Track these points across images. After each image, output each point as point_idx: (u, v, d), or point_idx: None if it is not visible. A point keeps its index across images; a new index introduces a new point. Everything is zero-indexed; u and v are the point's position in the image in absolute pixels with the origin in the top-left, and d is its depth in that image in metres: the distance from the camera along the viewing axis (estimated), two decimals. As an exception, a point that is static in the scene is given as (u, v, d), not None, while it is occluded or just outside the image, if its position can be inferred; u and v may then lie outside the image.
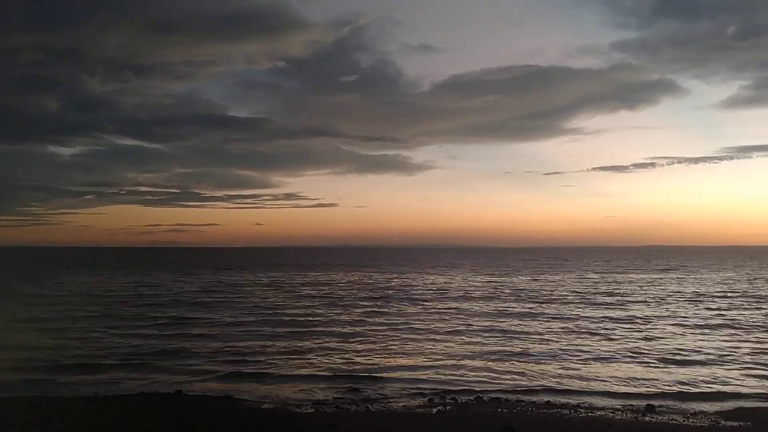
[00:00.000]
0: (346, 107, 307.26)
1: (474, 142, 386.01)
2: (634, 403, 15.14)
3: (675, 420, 13.69)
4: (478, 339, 24.65)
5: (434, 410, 14.37)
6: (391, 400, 15.46)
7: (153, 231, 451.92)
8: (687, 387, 17.07)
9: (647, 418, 13.76)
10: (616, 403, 15.21)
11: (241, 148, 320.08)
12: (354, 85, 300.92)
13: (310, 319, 30.52)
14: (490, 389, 16.64)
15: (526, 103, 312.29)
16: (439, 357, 21.01)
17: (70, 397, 15.14)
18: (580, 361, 20.38)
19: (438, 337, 25.11)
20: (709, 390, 16.71)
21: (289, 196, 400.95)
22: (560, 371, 18.90)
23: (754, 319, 30.53)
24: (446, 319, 30.38)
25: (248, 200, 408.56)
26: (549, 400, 15.33)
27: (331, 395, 15.98)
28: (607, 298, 42.39)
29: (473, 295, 44.68)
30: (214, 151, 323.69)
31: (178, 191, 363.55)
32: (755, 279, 63.76)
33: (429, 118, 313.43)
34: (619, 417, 13.84)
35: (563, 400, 15.48)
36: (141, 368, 19.27)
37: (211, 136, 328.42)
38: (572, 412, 14.21)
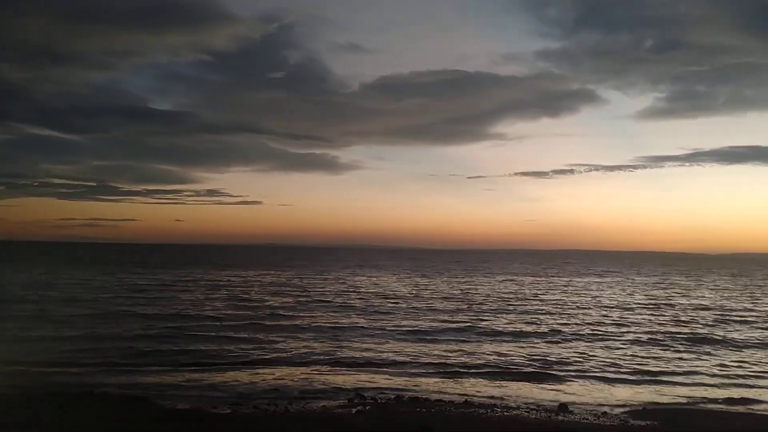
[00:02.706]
0: (272, 104, 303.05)
1: (401, 144, 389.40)
2: (547, 403, 15.56)
3: (586, 419, 14.13)
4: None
5: (354, 410, 14.34)
6: (311, 400, 15.35)
7: (67, 225, 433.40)
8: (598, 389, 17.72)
9: (560, 417, 14.16)
10: (530, 403, 15.60)
11: (162, 141, 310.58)
12: (281, 82, 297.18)
13: (224, 320, 29.92)
14: (410, 388, 16.80)
15: (452, 107, 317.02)
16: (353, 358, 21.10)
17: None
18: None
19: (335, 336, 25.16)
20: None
21: (211, 193, 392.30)
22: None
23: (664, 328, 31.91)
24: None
25: (168, 196, 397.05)
26: (467, 400, 15.57)
27: (248, 394, 15.75)
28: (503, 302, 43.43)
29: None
30: (133, 145, 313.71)
31: (95, 185, 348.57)
32: (671, 284, 66.26)
33: (357, 119, 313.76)
34: (533, 416, 14.18)
35: (481, 399, 15.75)
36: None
37: (130, 129, 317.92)
38: (489, 411, 14.47)
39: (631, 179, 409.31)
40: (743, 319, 34.88)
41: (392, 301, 41.19)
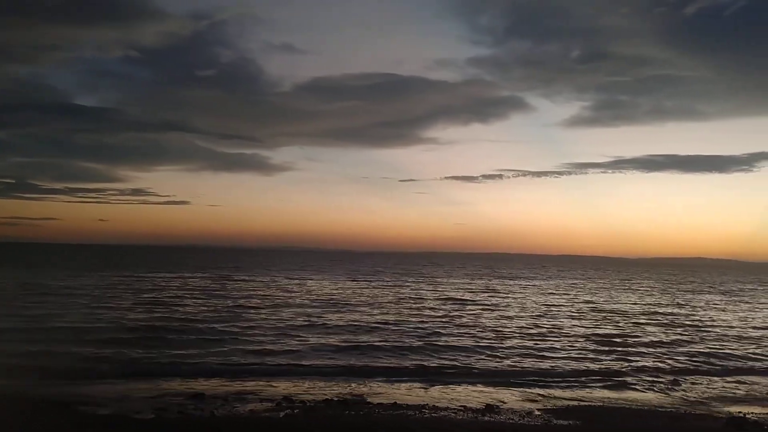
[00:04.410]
0: (202, 102, 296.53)
1: (334, 146, 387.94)
2: (474, 404, 15.82)
3: (512, 419, 14.45)
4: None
5: (281, 414, 14.20)
6: (237, 404, 15.10)
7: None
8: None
9: (486, 418, 14.43)
10: (457, 404, 15.83)
11: (86, 139, 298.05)
12: (212, 80, 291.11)
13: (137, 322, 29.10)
14: (338, 392, 16.77)
15: (385, 110, 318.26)
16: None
17: None
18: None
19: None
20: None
21: (137, 192, 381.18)
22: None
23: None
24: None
25: (92, 194, 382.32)
26: (395, 402, 15.64)
27: (173, 400, 15.35)
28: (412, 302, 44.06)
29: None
30: (56, 141, 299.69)
31: (14, 182, 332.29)
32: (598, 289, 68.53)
33: (289, 119, 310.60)
34: (461, 417, 14.40)
35: (408, 401, 15.86)
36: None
37: (53, 125, 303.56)
38: (416, 412, 14.59)
39: (557, 185, 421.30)
40: (662, 321, 36.42)
41: (322, 304, 40.99)
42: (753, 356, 25.06)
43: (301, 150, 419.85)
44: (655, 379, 20.13)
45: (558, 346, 25.69)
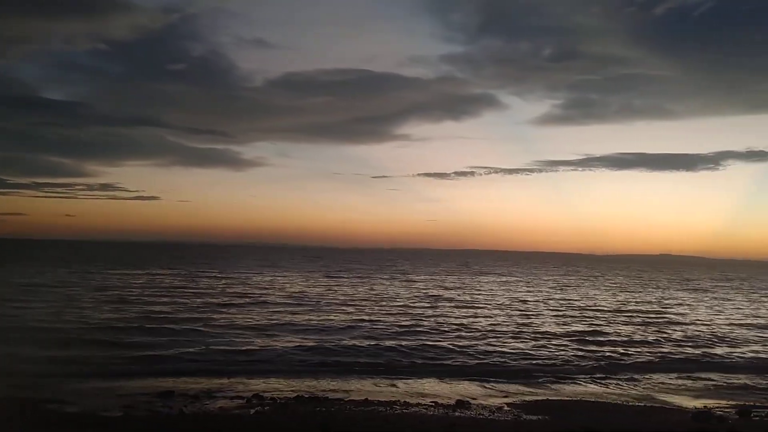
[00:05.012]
0: (172, 97, 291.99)
1: (306, 142, 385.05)
2: (445, 400, 15.91)
3: (482, 415, 14.56)
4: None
5: (252, 411, 14.13)
6: (207, 402, 14.98)
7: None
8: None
9: (457, 414, 14.51)
10: (428, 400, 15.90)
11: (54, 133, 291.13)
12: (182, 74, 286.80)
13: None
14: (310, 389, 16.74)
15: (358, 106, 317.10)
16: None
17: None
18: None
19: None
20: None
21: (105, 187, 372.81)
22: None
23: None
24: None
25: (59, 189, 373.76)
26: (367, 398, 15.66)
27: (142, 398, 15.17)
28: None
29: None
30: (22, 135, 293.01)
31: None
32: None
33: (261, 115, 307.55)
34: (431, 413, 14.47)
35: (380, 398, 15.89)
36: None
37: (19, 119, 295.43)
38: (388, 409, 14.63)
39: (528, 182, 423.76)
40: (632, 318, 36.99)
41: (294, 301, 40.85)
42: (719, 354, 25.61)
43: (273, 146, 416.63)
44: (624, 375, 20.46)
45: (530, 343, 25.95)
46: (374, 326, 29.08)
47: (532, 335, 28.02)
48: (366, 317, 32.44)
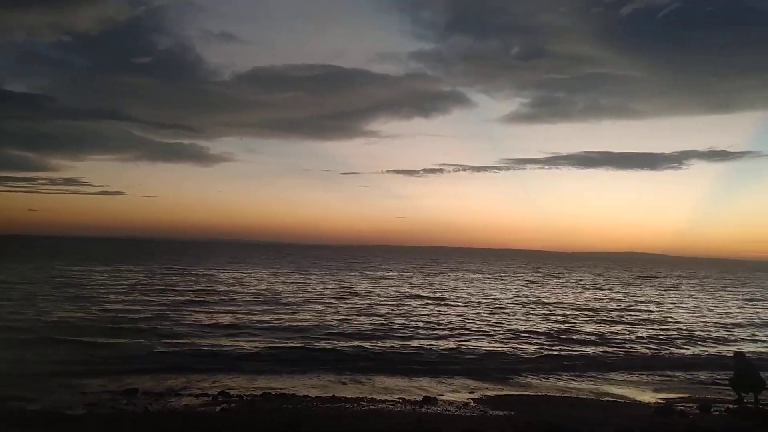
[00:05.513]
0: (138, 90, 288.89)
1: (274, 137, 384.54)
2: (412, 396, 15.99)
3: (449, 410, 14.65)
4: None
5: (218, 408, 14.03)
6: (172, 399, 14.83)
7: None
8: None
9: (424, 410, 14.58)
10: (395, 396, 15.97)
11: (16, 126, 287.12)
12: (148, 67, 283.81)
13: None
14: (276, 386, 16.70)
15: (327, 102, 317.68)
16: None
17: None
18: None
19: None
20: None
21: (69, 182, 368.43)
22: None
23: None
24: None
25: (21, 183, 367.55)
26: (334, 395, 15.66)
27: (105, 396, 14.97)
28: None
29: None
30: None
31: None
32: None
33: (229, 109, 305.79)
34: (398, 409, 14.52)
35: (347, 394, 15.90)
36: None
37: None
38: (355, 405, 14.64)
39: (496, 180, 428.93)
40: (597, 315, 37.53)
41: (259, 298, 40.63)
42: (682, 350, 26.18)
43: (241, 141, 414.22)
44: (589, 372, 20.79)
45: (498, 340, 26.21)
46: (342, 324, 29.06)
47: (501, 332, 28.31)
48: (334, 315, 32.41)
